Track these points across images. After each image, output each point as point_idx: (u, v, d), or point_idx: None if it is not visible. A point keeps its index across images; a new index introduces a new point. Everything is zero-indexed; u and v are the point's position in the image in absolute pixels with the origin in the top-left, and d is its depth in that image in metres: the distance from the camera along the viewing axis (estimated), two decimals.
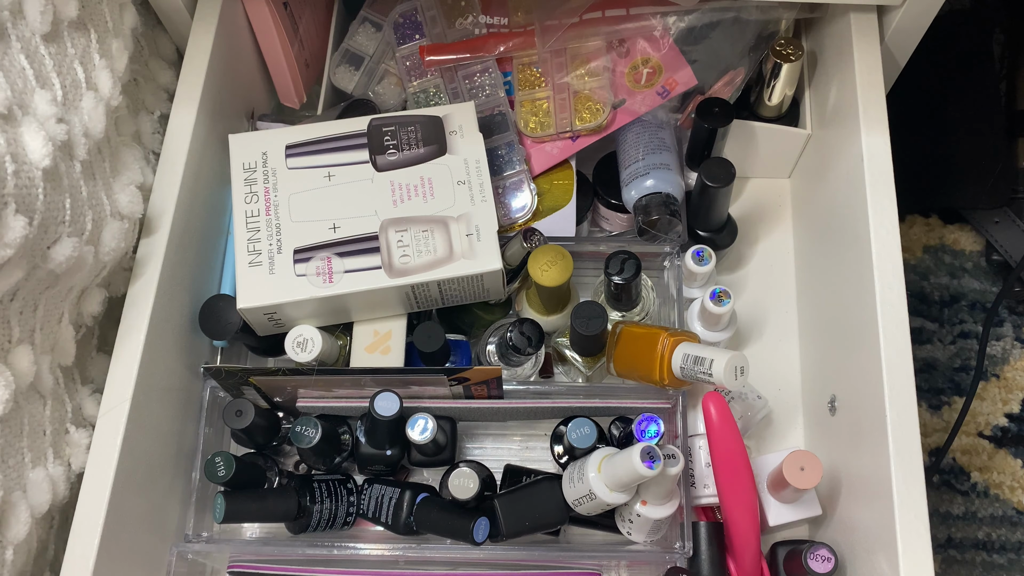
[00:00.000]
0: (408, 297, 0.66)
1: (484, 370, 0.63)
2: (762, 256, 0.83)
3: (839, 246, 0.70)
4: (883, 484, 0.57)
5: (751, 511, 0.64)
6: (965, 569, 0.89)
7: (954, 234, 1.01)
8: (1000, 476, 0.91)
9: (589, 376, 0.72)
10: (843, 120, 0.70)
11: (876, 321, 0.61)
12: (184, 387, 0.68)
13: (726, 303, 0.70)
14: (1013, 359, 0.95)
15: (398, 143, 0.68)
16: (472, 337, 0.74)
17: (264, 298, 0.64)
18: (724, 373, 0.59)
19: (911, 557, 0.54)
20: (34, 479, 0.56)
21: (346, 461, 0.69)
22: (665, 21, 0.74)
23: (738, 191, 0.85)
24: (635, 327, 0.68)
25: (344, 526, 0.68)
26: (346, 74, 0.79)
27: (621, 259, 0.67)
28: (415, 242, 0.65)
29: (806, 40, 0.80)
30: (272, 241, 0.65)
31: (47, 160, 0.52)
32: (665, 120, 0.77)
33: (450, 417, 0.69)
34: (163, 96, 0.75)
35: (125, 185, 0.63)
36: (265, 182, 0.67)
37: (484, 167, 0.68)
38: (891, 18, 0.69)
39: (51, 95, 0.56)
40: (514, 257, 0.69)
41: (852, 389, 0.65)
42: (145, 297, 0.62)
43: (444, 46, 0.75)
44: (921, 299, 0.98)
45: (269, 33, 0.77)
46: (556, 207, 0.75)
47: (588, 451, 0.62)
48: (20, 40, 0.55)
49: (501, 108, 0.75)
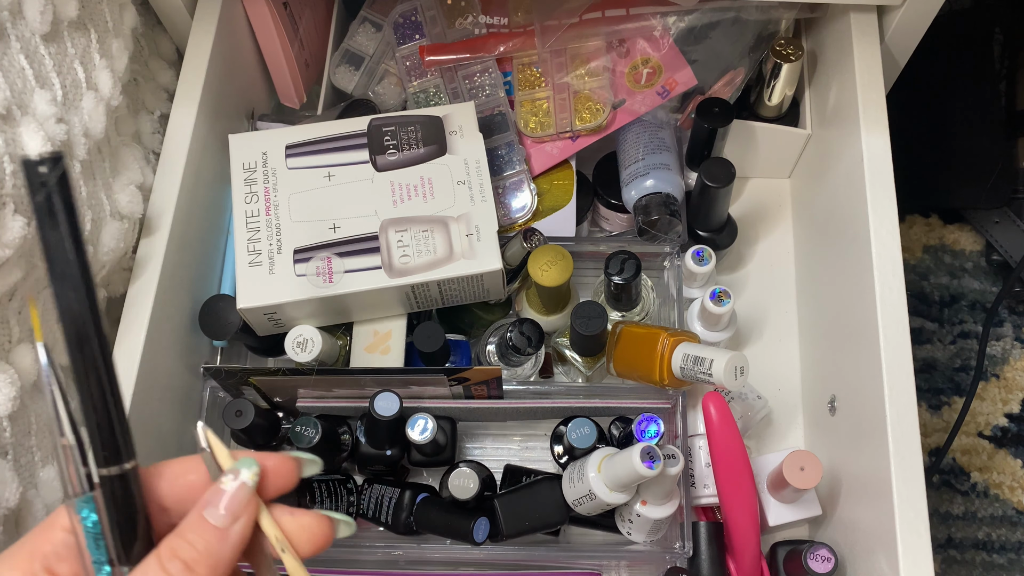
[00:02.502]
0: (408, 297, 0.66)
1: (484, 370, 0.63)
2: (762, 256, 0.83)
3: (839, 246, 0.70)
4: (883, 484, 0.57)
5: (751, 511, 0.64)
6: (965, 569, 0.89)
7: (954, 234, 1.01)
8: (1000, 476, 0.91)
9: (589, 376, 0.72)
10: (843, 120, 0.70)
11: (876, 321, 0.61)
12: (184, 387, 0.68)
13: (726, 303, 0.70)
14: (1013, 359, 0.95)
15: (398, 143, 0.68)
16: (472, 337, 0.74)
17: (264, 298, 0.64)
18: (724, 373, 0.59)
19: (911, 557, 0.54)
20: (44, 478, 0.56)
21: (346, 461, 0.69)
22: (665, 21, 0.74)
23: (738, 191, 0.85)
24: (635, 327, 0.68)
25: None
26: (346, 74, 0.79)
27: (621, 259, 0.67)
28: (415, 242, 0.65)
29: (806, 40, 0.80)
30: (272, 241, 0.65)
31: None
32: (665, 120, 0.77)
33: (450, 417, 0.69)
34: (163, 96, 0.75)
35: (125, 185, 0.63)
36: (265, 182, 0.67)
37: (484, 167, 0.68)
38: (891, 18, 0.69)
39: (51, 95, 0.56)
40: (514, 257, 0.69)
41: (852, 389, 0.65)
42: (145, 297, 0.62)
43: (444, 46, 0.75)
44: (921, 299, 0.98)
45: (269, 33, 0.77)
46: (556, 207, 0.75)
47: (588, 451, 0.62)
48: (20, 40, 0.55)
49: (501, 108, 0.75)
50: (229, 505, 0.32)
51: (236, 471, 0.32)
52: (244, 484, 0.32)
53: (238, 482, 0.32)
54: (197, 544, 0.31)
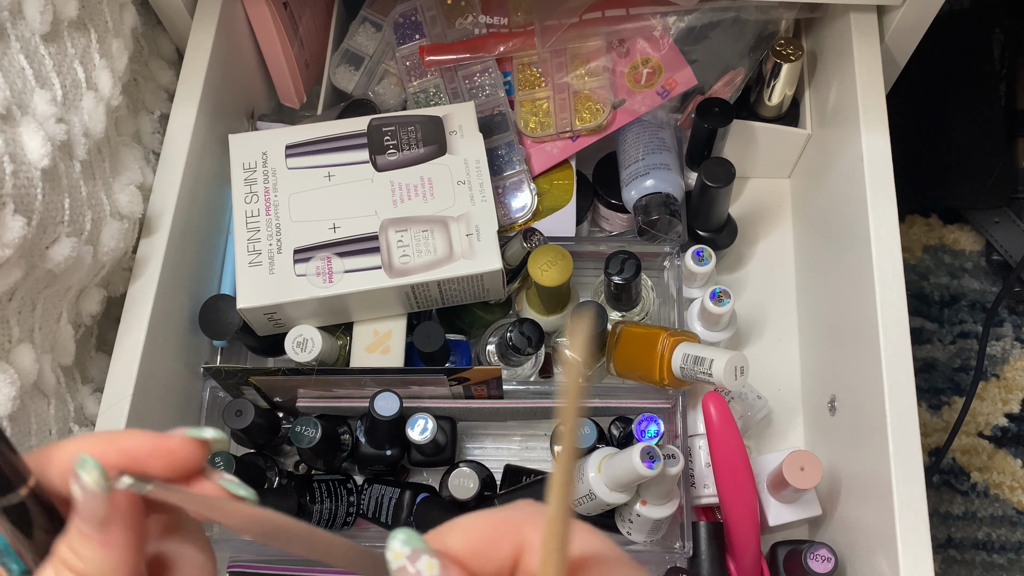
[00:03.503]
0: (408, 297, 0.66)
1: (484, 370, 0.63)
2: (762, 256, 0.83)
3: (839, 246, 0.70)
4: (883, 484, 0.57)
5: (751, 511, 0.64)
6: (965, 569, 0.89)
7: (954, 234, 1.01)
8: (1000, 476, 0.91)
9: (589, 376, 0.72)
10: (843, 120, 0.70)
11: (876, 321, 0.61)
12: (184, 387, 0.68)
13: (726, 303, 0.70)
14: (1013, 359, 0.95)
15: (398, 143, 0.68)
16: (472, 337, 0.74)
17: (264, 298, 0.64)
18: (724, 373, 0.59)
19: (911, 557, 0.54)
20: None
21: (346, 461, 0.69)
22: (665, 21, 0.74)
23: (738, 191, 0.85)
24: (635, 327, 0.68)
25: (344, 526, 0.68)
26: (346, 74, 0.79)
27: (621, 259, 0.67)
28: (415, 242, 0.65)
29: (806, 40, 0.80)
30: (272, 241, 0.65)
31: (46, 160, 0.52)
32: (665, 120, 0.77)
33: (450, 417, 0.69)
34: (163, 96, 0.75)
35: (125, 185, 0.63)
36: (265, 182, 0.67)
37: (484, 167, 0.68)
38: (891, 18, 0.69)
39: (51, 95, 0.56)
40: (514, 257, 0.69)
41: (852, 389, 0.65)
42: (145, 297, 0.62)
43: (444, 46, 0.75)
44: (921, 299, 0.98)
45: (269, 33, 0.77)
46: (556, 207, 0.75)
47: (588, 451, 0.62)
48: (20, 40, 0.55)
49: (501, 108, 0.75)
50: (87, 516, 0.29)
51: (76, 476, 0.29)
52: (89, 492, 0.29)
53: (82, 491, 0.29)
54: (83, 554, 0.29)
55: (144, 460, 0.30)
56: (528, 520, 0.28)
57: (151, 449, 0.30)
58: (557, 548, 0.26)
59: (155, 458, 0.30)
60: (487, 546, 0.28)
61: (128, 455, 0.30)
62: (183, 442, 0.31)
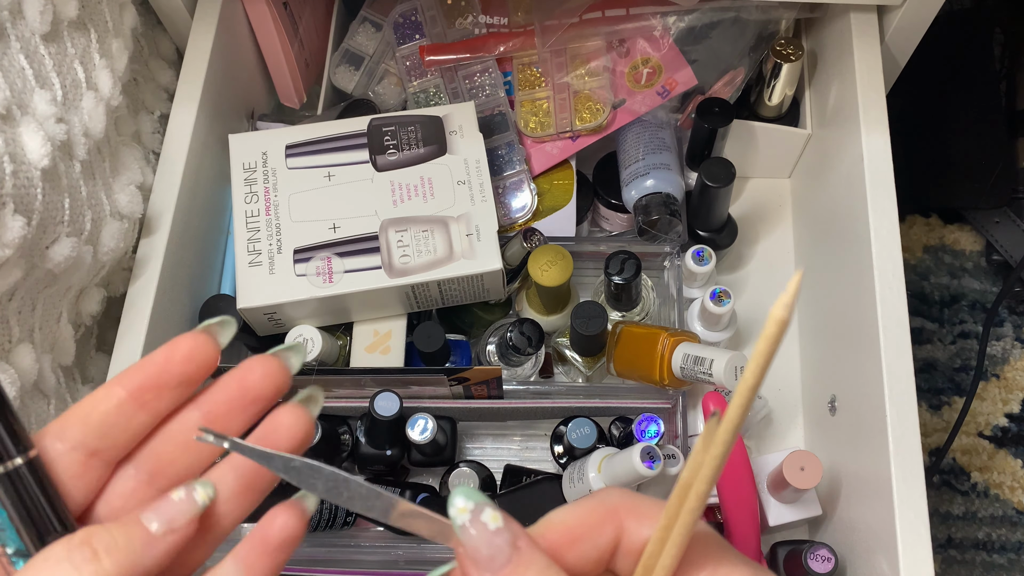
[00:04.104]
0: (408, 297, 0.66)
1: (484, 370, 0.63)
2: (762, 256, 0.83)
3: (839, 246, 0.70)
4: (883, 484, 0.57)
5: (751, 511, 0.64)
6: (965, 569, 0.89)
7: (954, 234, 1.01)
8: (1000, 476, 0.91)
9: (589, 376, 0.72)
10: (843, 120, 0.70)
11: (876, 321, 0.61)
12: None
13: (726, 303, 0.70)
14: (1013, 359, 0.95)
15: (398, 143, 0.68)
16: (472, 337, 0.74)
17: (264, 298, 0.64)
18: (724, 373, 0.59)
19: (911, 557, 0.54)
20: None
21: (346, 461, 0.69)
22: (665, 21, 0.74)
23: (738, 191, 0.85)
24: (635, 327, 0.68)
25: (344, 526, 0.68)
26: (346, 74, 0.79)
27: (621, 259, 0.67)
28: (415, 242, 0.65)
29: (806, 40, 0.80)
30: (272, 241, 0.65)
31: (46, 160, 0.52)
32: (665, 120, 0.77)
33: (450, 417, 0.69)
34: (163, 96, 0.75)
35: (125, 185, 0.63)
36: (265, 182, 0.67)
37: (484, 167, 0.68)
38: (891, 18, 0.69)
39: (51, 95, 0.56)
40: (514, 257, 0.69)
41: (852, 389, 0.65)
42: (145, 297, 0.62)
43: (444, 46, 0.75)
44: (921, 299, 0.98)
45: (269, 33, 0.77)
46: (556, 207, 0.75)
47: (588, 451, 0.62)
48: (20, 40, 0.55)
49: (501, 108, 0.75)
50: (169, 514, 0.29)
51: (192, 486, 0.30)
52: (193, 500, 0.30)
53: (188, 497, 0.30)
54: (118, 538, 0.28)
55: (168, 370, 0.31)
56: (624, 505, 0.29)
57: (164, 361, 0.31)
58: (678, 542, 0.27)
59: (175, 366, 0.32)
60: (587, 532, 0.28)
61: (148, 374, 0.31)
62: (193, 340, 0.32)
